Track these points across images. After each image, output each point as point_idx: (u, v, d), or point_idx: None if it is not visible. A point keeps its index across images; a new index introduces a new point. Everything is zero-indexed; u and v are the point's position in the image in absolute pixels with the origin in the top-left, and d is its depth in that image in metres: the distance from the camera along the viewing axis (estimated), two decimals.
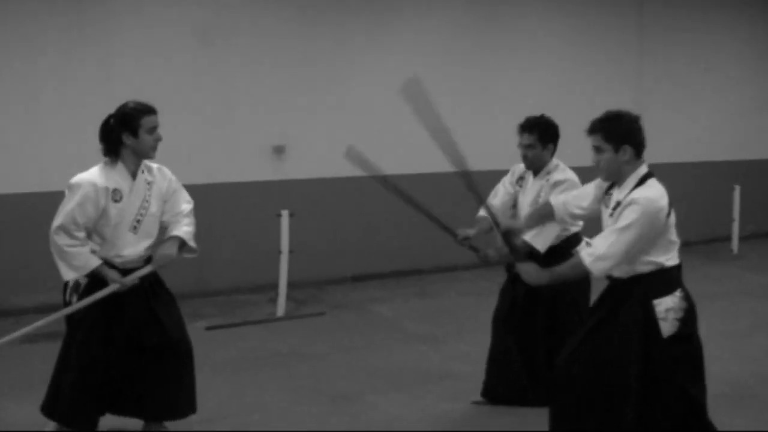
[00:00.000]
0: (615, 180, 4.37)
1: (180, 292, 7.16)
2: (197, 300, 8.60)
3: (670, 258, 4.30)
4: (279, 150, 9.41)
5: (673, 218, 4.31)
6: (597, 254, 4.17)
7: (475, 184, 4.85)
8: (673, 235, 4.34)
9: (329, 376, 6.61)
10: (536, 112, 5.94)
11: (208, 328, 7.97)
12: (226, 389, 6.26)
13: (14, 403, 5.88)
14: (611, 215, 4.30)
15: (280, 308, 8.44)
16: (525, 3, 11.17)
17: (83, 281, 4.76)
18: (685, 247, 4.67)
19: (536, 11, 11.24)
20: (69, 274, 4.70)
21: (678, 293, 4.25)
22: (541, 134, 5.74)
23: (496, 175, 6.20)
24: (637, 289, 4.24)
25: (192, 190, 5.22)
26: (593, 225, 4.83)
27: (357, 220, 9.98)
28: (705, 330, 7.88)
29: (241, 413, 5.86)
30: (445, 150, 4.68)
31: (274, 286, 8.53)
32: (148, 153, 4.76)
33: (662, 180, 4.38)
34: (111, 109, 4.77)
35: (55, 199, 4.97)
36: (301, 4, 9.61)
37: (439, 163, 10.09)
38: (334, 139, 8.48)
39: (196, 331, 7.82)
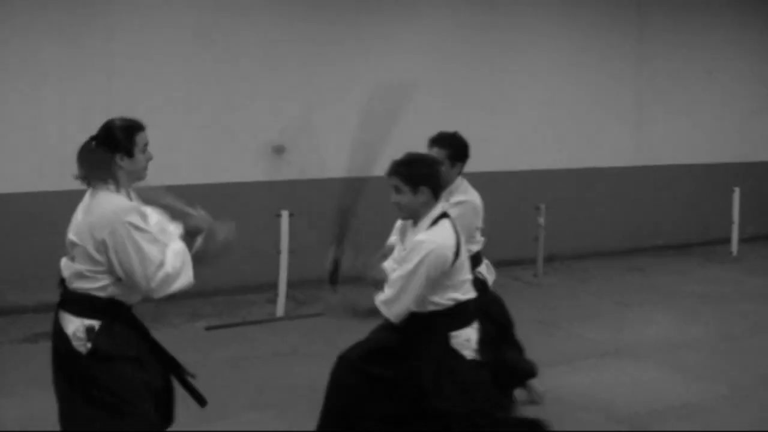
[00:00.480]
0: (413, 219, 4.46)
1: (179, 292, 7.21)
2: (196, 300, 8.59)
3: (465, 292, 4.41)
4: (279, 150, 9.40)
5: (463, 258, 4.38)
6: (388, 300, 4.29)
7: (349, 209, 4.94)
8: (465, 274, 4.43)
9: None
10: (539, 112, 5.89)
11: (208, 328, 7.97)
12: (225, 389, 6.26)
13: (15, 403, 5.88)
14: (403, 256, 4.40)
15: (280, 308, 8.45)
16: (528, 3, 11.20)
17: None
18: (685, 249, 4.69)
19: (538, 10, 11.26)
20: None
21: (475, 325, 4.43)
22: (453, 151, 5.49)
23: (498, 177, 6.20)
24: (435, 324, 4.35)
25: (192, 189, 5.21)
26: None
27: (357, 220, 9.97)
28: (704, 332, 7.95)
29: (240, 413, 5.86)
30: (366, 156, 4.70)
31: (274, 286, 8.54)
32: (142, 174, 4.10)
33: (663, 182, 4.38)
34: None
35: (49, 198, 4.93)
36: (301, 3, 9.62)
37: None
38: (335, 139, 8.46)
39: (195, 331, 7.85)
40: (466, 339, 4.34)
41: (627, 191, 12.21)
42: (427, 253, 4.18)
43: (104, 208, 3.81)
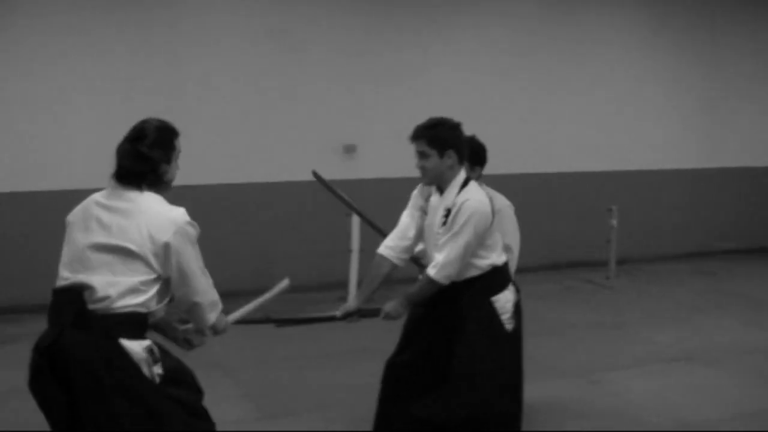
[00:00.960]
0: (437, 184, 4.45)
1: (246, 289, 7.19)
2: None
3: (500, 255, 4.50)
4: (350, 149, 9.46)
5: (497, 217, 4.51)
6: (440, 263, 4.29)
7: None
8: (497, 236, 4.52)
9: None
10: (612, 113, 5.80)
11: (277, 325, 8.02)
12: (291, 387, 6.31)
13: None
14: (444, 223, 4.35)
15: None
16: (602, 3, 11.12)
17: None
18: (757, 252, 4.60)
19: (614, 11, 11.17)
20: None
21: (511, 287, 4.53)
22: (472, 155, 4.98)
23: (569, 178, 6.13)
24: (473, 288, 4.40)
25: (263, 187, 5.19)
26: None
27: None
28: None
29: (305, 411, 5.90)
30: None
31: (343, 285, 8.57)
32: (169, 185, 3.64)
33: (735, 185, 4.32)
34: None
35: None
36: (374, 2, 9.68)
37: (514, 164, 10.14)
38: (406, 138, 8.49)
39: (265, 327, 7.90)
40: (506, 301, 4.42)
41: (699, 194, 12.05)
42: (472, 212, 4.24)
43: (159, 210, 3.44)
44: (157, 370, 3.39)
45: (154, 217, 3.39)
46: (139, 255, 3.35)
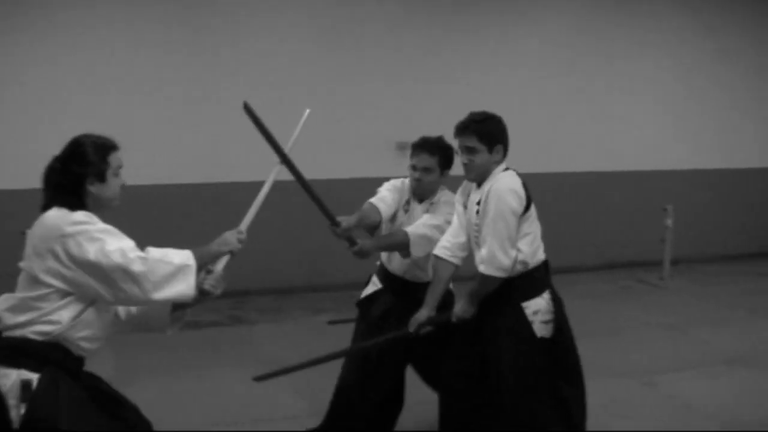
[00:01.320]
0: (482, 180, 4.27)
1: (297, 286, 7.34)
2: (319, 294, 8.73)
3: (535, 255, 4.26)
4: (403, 146, 9.47)
5: (534, 210, 4.24)
6: (486, 258, 4.13)
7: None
8: (535, 227, 4.28)
9: None
10: (668, 111, 5.74)
11: (330, 323, 8.06)
12: None
13: (132, 391, 6.02)
14: (477, 213, 4.21)
15: None
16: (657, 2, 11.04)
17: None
18: None
19: (662, 9, 11.07)
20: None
21: (546, 295, 4.26)
22: (441, 159, 4.87)
23: (624, 177, 6.06)
24: (505, 293, 4.20)
25: (320, 185, 5.11)
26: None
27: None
28: None
29: None
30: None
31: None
32: (113, 202, 3.35)
33: None
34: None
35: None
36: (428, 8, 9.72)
37: (569, 163, 10.04)
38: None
39: (317, 325, 7.94)
40: (535, 311, 4.19)
41: (755, 194, 11.88)
42: (500, 194, 4.08)
43: (46, 220, 3.17)
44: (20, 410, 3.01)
45: (40, 227, 3.18)
46: (28, 271, 3.16)
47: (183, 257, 3.21)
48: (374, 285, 5.19)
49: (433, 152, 4.86)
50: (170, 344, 6.52)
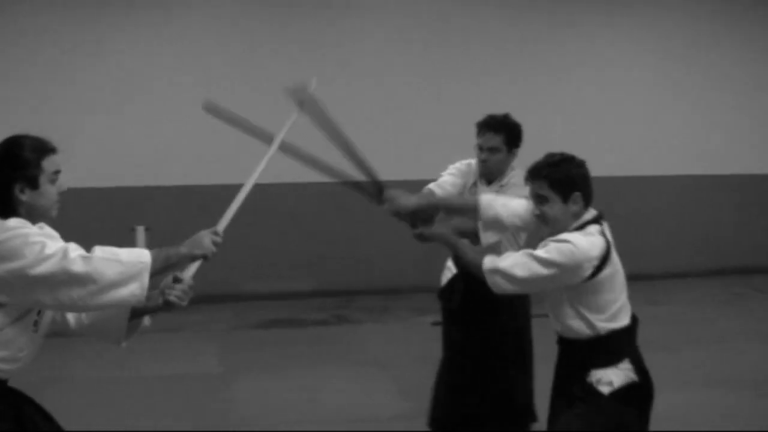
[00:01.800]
0: (559, 233, 3.56)
1: (405, 286, 7.38)
2: (424, 295, 8.73)
3: (610, 321, 3.59)
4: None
5: (608, 274, 3.53)
6: (500, 267, 3.53)
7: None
8: (613, 294, 3.59)
9: None
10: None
11: (434, 323, 8.09)
12: None
13: (246, 386, 6.21)
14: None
15: None
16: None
17: None
18: None
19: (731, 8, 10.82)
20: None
21: (625, 365, 3.57)
22: (507, 137, 4.73)
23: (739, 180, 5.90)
24: (578, 356, 3.62)
25: (405, 185, 4.97)
26: None
27: None
28: None
29: None
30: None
31: None
32: (50, 211, 3.03)
33: None
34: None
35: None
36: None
37: (679, 166, 9.86)
38: (547, 138, 8.49)
39: (422, 326, 7.97)
40: (598, 379, 3.53)
41: None
42: (569, 256, 3.40)
43: None
44: None
45: None
46: None
47: (134, 255, 2.86)
48: (449, 270, 5.04)
49: (498, 130, 4.70)
50: (274, 341, 6.66)
